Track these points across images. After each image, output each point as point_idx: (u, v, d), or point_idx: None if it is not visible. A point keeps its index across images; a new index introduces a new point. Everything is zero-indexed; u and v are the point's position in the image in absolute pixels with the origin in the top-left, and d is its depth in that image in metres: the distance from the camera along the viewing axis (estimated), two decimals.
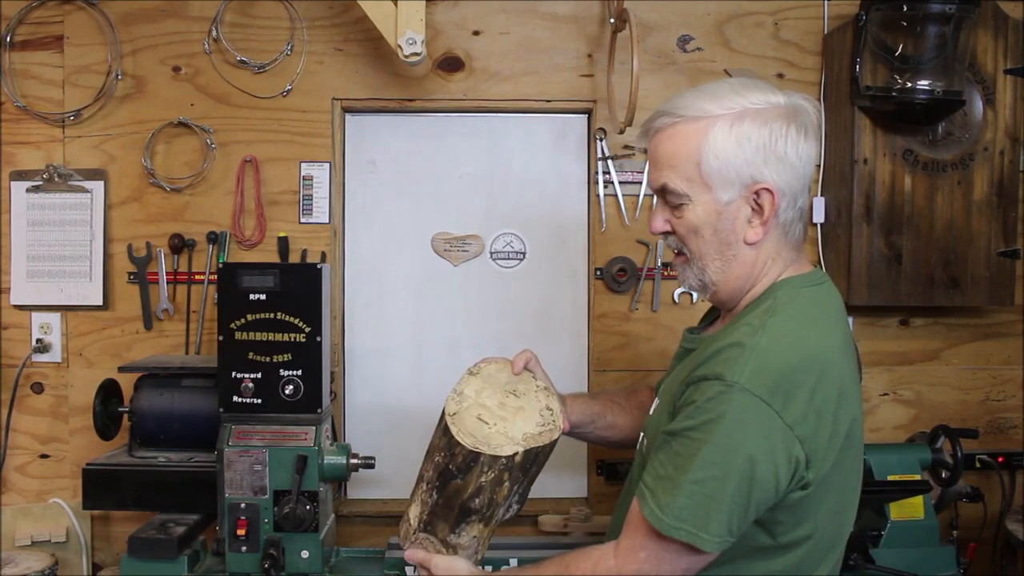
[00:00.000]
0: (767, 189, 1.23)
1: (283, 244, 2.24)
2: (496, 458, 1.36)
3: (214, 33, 2.23)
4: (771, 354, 1.16)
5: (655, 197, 1.33)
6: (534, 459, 1.41)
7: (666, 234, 1.32)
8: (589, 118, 2.32)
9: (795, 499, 1.18)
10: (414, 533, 1.44)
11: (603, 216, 2.27)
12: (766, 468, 1.14)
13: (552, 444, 1.43)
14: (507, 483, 1.39)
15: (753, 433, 1.14)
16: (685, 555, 1.18)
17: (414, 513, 1.46)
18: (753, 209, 1.25)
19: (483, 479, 1.37)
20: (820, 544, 1.26)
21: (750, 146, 1.21)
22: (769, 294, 1.27)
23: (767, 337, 1.18)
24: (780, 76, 2.26)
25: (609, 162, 2.26)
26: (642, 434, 1.42)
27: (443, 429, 1.41)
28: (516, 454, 1.37)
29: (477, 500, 1.39)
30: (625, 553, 1.21)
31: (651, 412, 1.40)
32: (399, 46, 2.01)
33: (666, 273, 2.27)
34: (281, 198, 2.26)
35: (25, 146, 2.25)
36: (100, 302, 2.25)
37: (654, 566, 1.19)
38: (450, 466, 1.39)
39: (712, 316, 1.50)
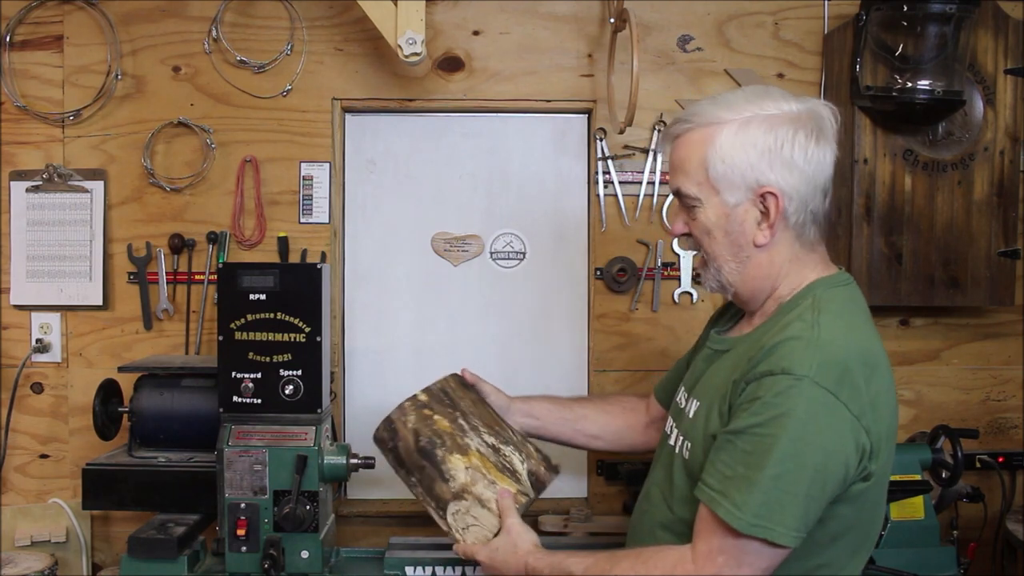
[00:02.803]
0: (772, 193, 1.26)
1: (283, 244, 2.24)
2: (400, 406, 1.58)
3: (214, 33, 2.23)
4: (833, 347, 1.20)
5: (676, 200, 1.38)
6: (446, 395, 1.61)
7: (685, 236, 1.38)
8: (589, 118, 2.32)
9: (856, 491, 1.22)
10: (446, 524, 1.51)
11: (603, 216, 2.26)
12: (838, 460, 1.17)
13: (456, 380, 1.67)
14: (436, 415, 1.56)
15: (825, 426, 1.16)
16: (765, 553, 1.19)
17: (437, 517, 1.52)
18: (761, 212, 1.29)
19: (409, 425, 1.55)
20: (861, 534, 1.29)
21: (755, 151, 1.26)
22: (807, 292, 1.30)
23: (825, 332, 1.21)
24: (780, 76, 2.26)
25: (609, 162, 2.26)
26: (677, 433, 1.40)
27: (375, 440, 1.61)
28: (416, 394, 1.59)
29: (422, 440, 1.54)
30: (703, 558, 1.21)
31: (690, 416, 1.37)
32: (399, 46, 2.01)
33: (666, 273, 2.27)
34: (281, 198, 2.26)
35: (25, 146, 2.25)
36: (100, 302, 2.25)
37: (734, 568, 1.19)
38: (389, 446, 1.57)
39: (733, 316, 1.50)
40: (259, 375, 1.78)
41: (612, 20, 2.13)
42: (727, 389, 1.27)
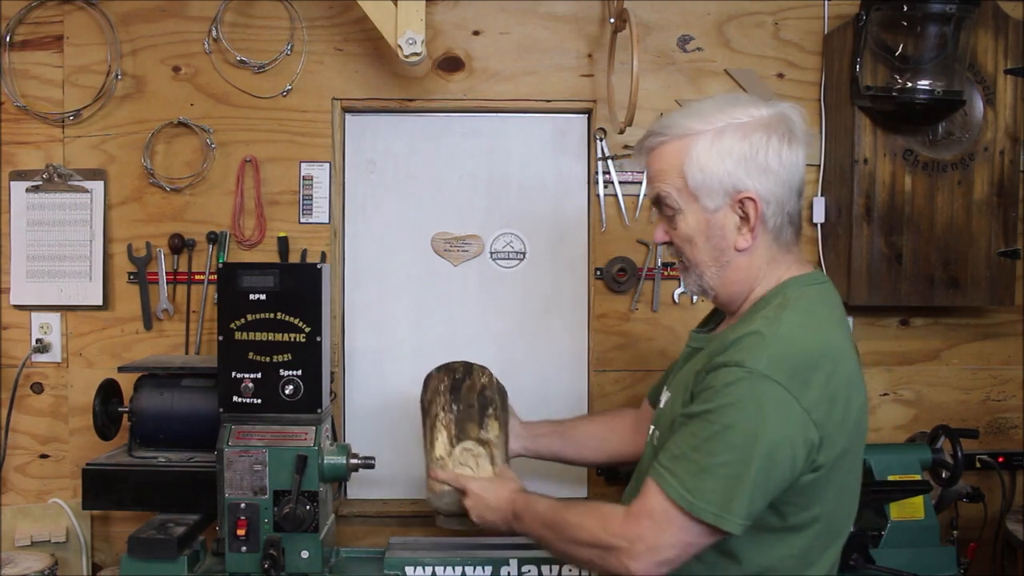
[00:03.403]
0: (750, 198, 1.31)
1: (283, 244, 2.24)
2: (483, 366, 1.80)
3: (214, 33, 2.23)
4: (789, 342, 1.24)
5: (656, 210, 1.43)
6: (500, 388, 1.81)
7: (667, 244, 1.43)
8: (589, 118, 2.32)
9: (806, 481, 1.25)
10: (450, 456, 1.68)
11: (603, 216, 2.26)
12: (785, 452, 1.21)
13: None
14: (497, 398, 1.77)
15: (773, 418, 1.20)
16: (692, 531, 1.24)
17: (441, 445, 1.69)
18: (740, 217, 1.33)
19: (483, 378, 1.78)
20: (826, 529, 1.31)
21: (731, 159, 1.31)
22: (779, 291, 1.34)
23: (784, 327, 1.26)
24: (780, 76, 2.26)
25: (609, 162, 2.26)
26: (653, 427, 1.46)
27: (435, 369, 1.81)
28: (492, 374, 1.81)
29: (487, 392, 1.76)
30: (632, 518, 1.29)
31: (662, 405, 1.45)
32: (399, 46, 2.01)
33: (666, 273, 2.27)
34: (281, 198, 2.26)
35: (25, 146, 2.25)
36: (100, 302, 2.25)
37: (656, 535, 1.26)
38: (456, 376, 1.77)
39: (717, 318, 1.55)
40: (259, 375, 1.78)
41: (612, 20, 2.13)
42: (691, 379, 1.32)
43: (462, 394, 1.74)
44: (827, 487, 1.28)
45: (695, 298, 2.27)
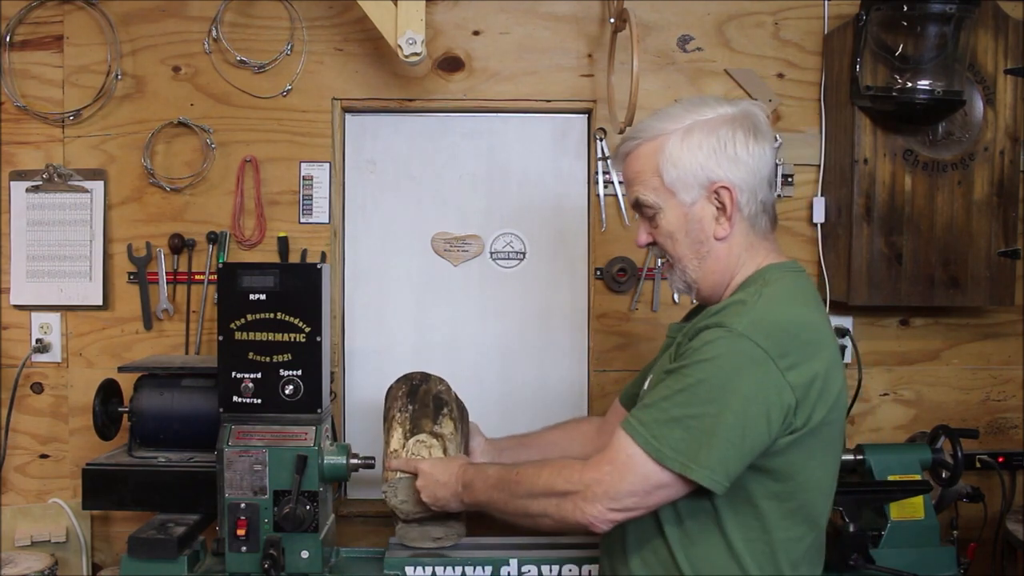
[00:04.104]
0: (724, 187, 1.36)
1: (283, 244, 2.24)
2: (441, 379, 1.87)
3: (214, 33, 2.23)
4: (770, 311, 1.29)
5: (637, 215, 1.48)
6: (459, 404, 1.86)
7: (650, 245, 1.47)
8: (589, 118, 2.32)
9: (783, 444, 1.27)
10: (404, 449, 1.72)
11: (603, 216, 2.27)
12: (759, 409, 1.23)
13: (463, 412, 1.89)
14: (453, 405, 1.82)
15: (748, 375, 1.24)
16: (653, 478, 1.27)
17: (396, 440, 1.74)
18: (717, 207, 1.38)
19: (440, 385, 1.85)
20: (807, 504, 1.34)
21: (701, 152, 1.36)
22: (759, 275, 1.38)
23: (764, 299, 1.31)
24: (780, 76, 2.26)
25: (609, 162, 2.26)
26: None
27: (395, 380, 1.89)
28: (448, 385, 1.87)
29: (443, 396, 1.82)
30: (593, 463, 1.32)
31: (646, 388, 1.47)
32: (399, 46, 2.01)
33: (666, 273, 2.27)
34: (281, 198, 2.26)
35: (25, 146, 2.25)
36: (100, 302, 2.25)
37: (617, 478, 1.28)
38: (413, 383, 1.84)
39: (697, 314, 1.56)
40: (259, 375, 1.78)
41: (612, 20, 2.13)
42: (673, 352, 1.37)
43: (418, 396, 1.81)
44: (806, 455, 1.30)
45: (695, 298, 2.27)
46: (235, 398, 1.78)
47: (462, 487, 1.57)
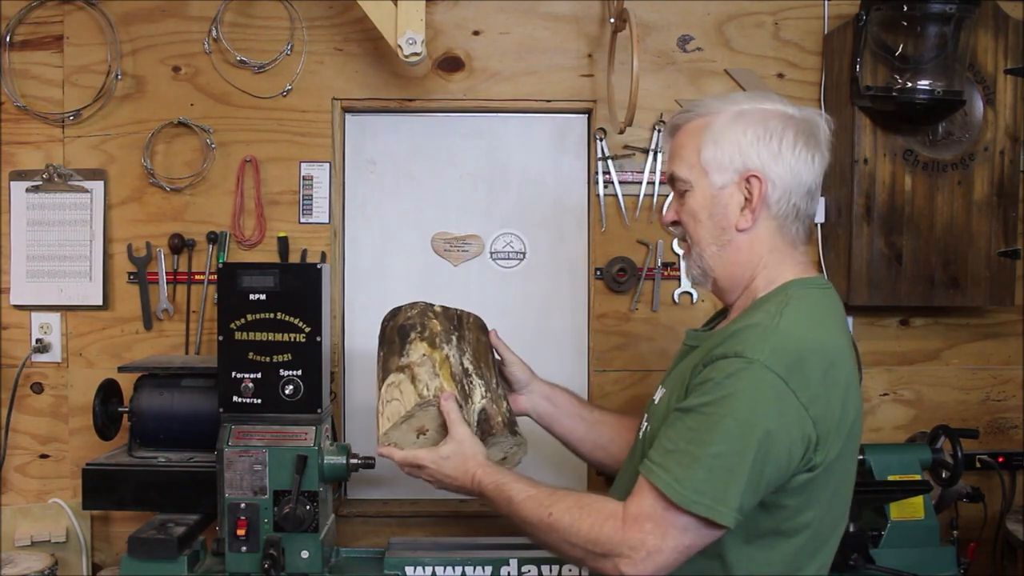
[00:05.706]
0: (756, 176, 1.31)
1: (283, 244, 2.24)
2: (414, 303, 1.66)
3: (214, 33, 2.23)
4: (790, 336, 1.23)
5: (670, 194, 1.44)
6: (458, 321, 1.67)
7: (674, 224, 1.42)
8: (589, 118, 2.32)
9: (801, 482, 1.22)
10: (378, 399, 1.54)
11: (603, 216, 2.26)
12: (781, 444, 1.18)
13: (478, 322, 1.73)
14: (435, 320, 1.61)
15: (771, 409, 1.18)
16: (692, 530, 1.20)
17: (378, 402, 1.55)
18: (745, 198, 1.33)
19: (410, 312, 1.63)
20: (817, 535, 1.29)
21: (745, 138, 1.32)
22: (781, 291, 1.33)
23: (785, 321, 1.25)
24: (780, 76, 2.26)
25: (609, 162, 2.26)
26: (645, 423, 1.44)
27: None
28: (433, 303, 1.66)
29: (408, 322, 1.61)
30: (632, 520, 1.23)
31: (655, 400, 1.42)
32: (399, 46, 2.01)
33: (666, 273, 2.27)
34: (281, 198, 2.26)
35: (25, 146, 2.25)
36: (100, 302, 2.25)
37: (659, 538, 1.20)
38: (386, 329, 1.65)
39: (717, 320, 1.53)
40: (259, 375, 1.78)
41: (612, 20, 2.13)
42: (688, 374, 1.31)
43: (385, 337, 1.65)
44: (823, 490, 1.26)
45: (695, 298, 2.27)
46: (235, 398, 1.78)
47: (478, 492, 1.44)
